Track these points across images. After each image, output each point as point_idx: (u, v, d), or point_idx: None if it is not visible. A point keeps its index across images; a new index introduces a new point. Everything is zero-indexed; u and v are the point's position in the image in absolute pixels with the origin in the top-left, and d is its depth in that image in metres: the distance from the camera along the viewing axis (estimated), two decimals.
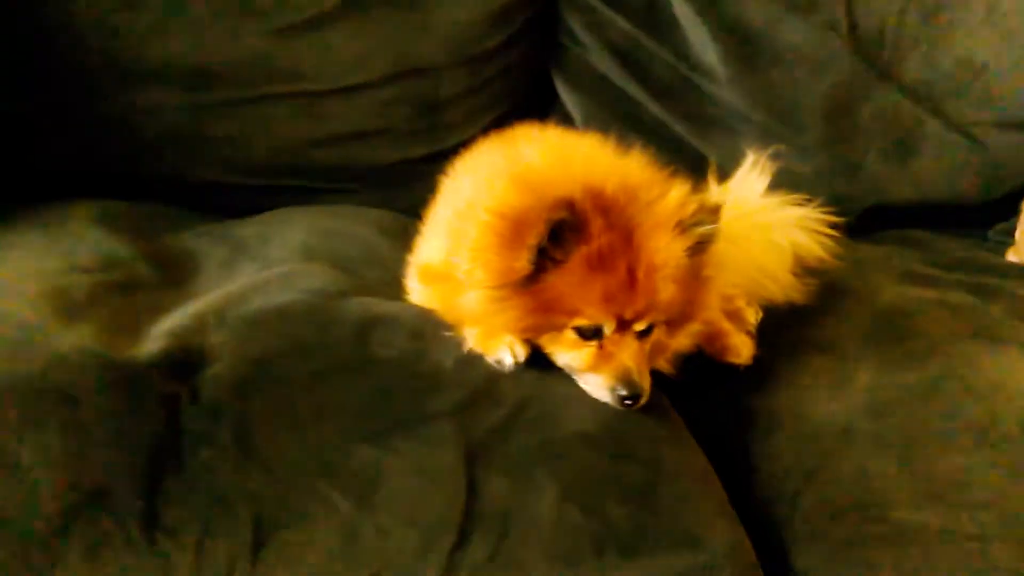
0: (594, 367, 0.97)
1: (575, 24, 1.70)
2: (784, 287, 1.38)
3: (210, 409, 0.88)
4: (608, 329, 0.97)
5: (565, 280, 0.95)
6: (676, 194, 0.98)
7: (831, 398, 1.15)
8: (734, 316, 1.29)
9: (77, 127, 1.47)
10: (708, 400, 1.18)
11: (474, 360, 0.99)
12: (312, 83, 1.54)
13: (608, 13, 1.68)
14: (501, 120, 1.68)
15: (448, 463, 0.87)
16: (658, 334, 1.02)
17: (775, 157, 1.65)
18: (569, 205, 0.92)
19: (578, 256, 0.94)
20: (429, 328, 1.03)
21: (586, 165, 1.04)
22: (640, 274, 0.95)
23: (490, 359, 0.99)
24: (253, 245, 1.30)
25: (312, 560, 0.79)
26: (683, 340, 1.09)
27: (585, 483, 0.89)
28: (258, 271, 1.19)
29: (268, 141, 1.55)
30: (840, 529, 0.96)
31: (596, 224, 0.94)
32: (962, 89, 1.80)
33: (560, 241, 0.94)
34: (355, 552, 0.80)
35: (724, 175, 1.57)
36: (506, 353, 0.99)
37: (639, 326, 0.98)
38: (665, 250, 0.97)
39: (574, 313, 0.96)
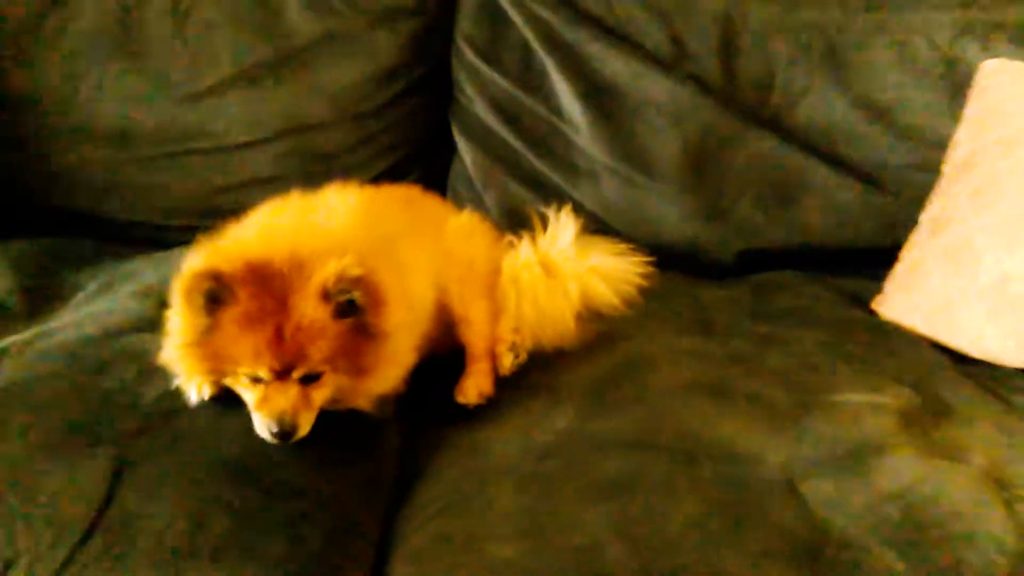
0: (257, 407, 1.17)
1: (464, 80, 1.87)
2: (562, 334, 1.51)
3: None
4: (266, 376, 1.16)
5: (225, 336, 1.15)
6: (328, 267, 1.15)
7: (520, 439, 1.28)
8: (496, 359, 1.45)
9: (28, 177, 1.82)
10: (434, 433, 1.35)
11: (174, 395, 1.22)
12: (216, 140, 1.80)
13: (488, 72, 1.84)
14: (399, 164, 1.89)
15: (97, 477, 1.10)
16: (334, 381, 1.20)
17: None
18: (216, 276, 1.13)
19: (230, 318, 1.14)
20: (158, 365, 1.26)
21: (279, 237, 1.23)
22: (287, 333, 1.14)
23: (185, 394, 1.22)
24: (118, 282, 1.57)
25: None
26: (380, 384, 1.26)
27: (202, 501, 1.09)
28: (93, 307, 1.47)
29: (183, 188, 1.83)
30: (435, 555, 1.11)
31: (245, 291, 1.14)
32: (863, 132, 1.83)
33: (219, 305, 1.15)
34: (15, 536, 1.05)
35: (594, 223, 1.72)
36: (192, 391, 1.22)
37: (296, 374, 1.16)
38: (311, 313, 1.14)
39: (235, 362, 1.16)
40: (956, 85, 1.77)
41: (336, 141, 1.83)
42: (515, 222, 1.79)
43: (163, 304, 1.43)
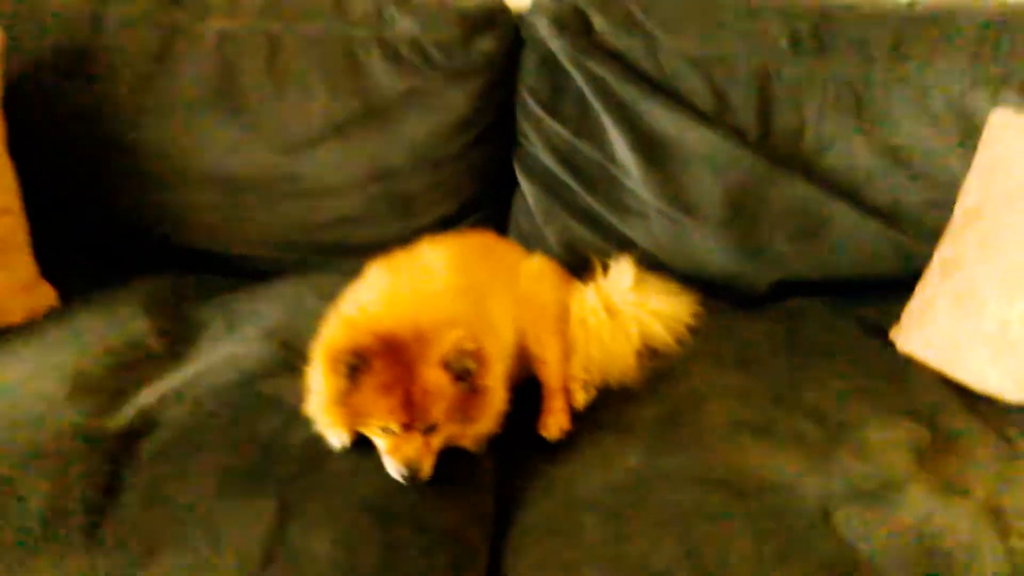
0: (389, 453, 1.41)
1: (527, 127, 2.07)
2: (624, 371, 1.73)
3: (140, 466, 1.41)
4: (396, 429, 1.40)
5: (363, 397, 1.38)
6: (447, 339, 1.38)
7: (599, 474, 1.51)
8: (569, 396, 1.68)
9: (147, 217, 2.03)
10: (522, 464, 1.58)
11: (317, 440, 1.46)
12: (311, 184, 2.01)
13: (550, 122, 2.03)
14: (469, 201, 2.10)
15: (267, 514, 1.34)
16: (448, 429, 1.43)
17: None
18: (359, 353, 1.36)
19: (368, 383, 1.37)
20: (300, 413, 1.50)
21: (400, 308, 1.45)
22: (415, 396, 1.38)
23: (327, 440, 1.46)
24: (241, 320, 1.80)
25: (181, 566, 1.28)
26: (484, 427, 1.49)
27: (354, 534, 1.33)
28: (226, 348, 1.70)
29: (283, 226, 2.04)
30: None
31: (380, 362, 1.36)
32: (884, 174, 2.03)
33: (358, 372, 1.38)
34: (206, 565, 1.29)
35: (653, 266, 1.94)
36: (335, 438, 1.45)
37: (420, 427, 1.40)
38: (434, 380, 1.38)
39: (371, 417, 1.40)
40: (967, 131, 1.97)
41: (416, 184, 2.03)
42: (573, 255, 2.02)
43: (285, 345, 1.68)
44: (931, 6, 2.06)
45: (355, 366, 1.36)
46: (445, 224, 2.09)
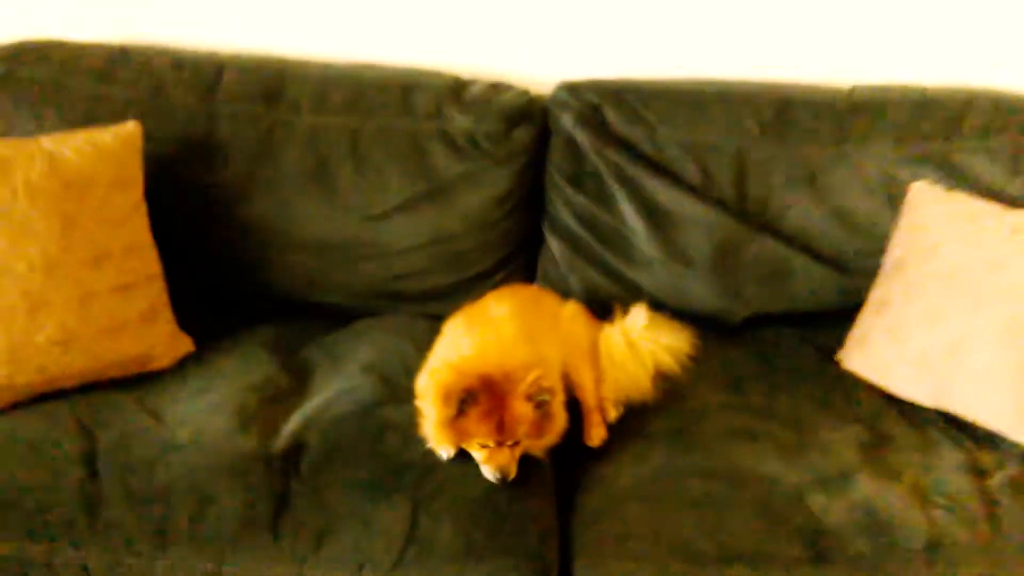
0: (485, 462, 1.86)
1: (554, 197, 2.51)
2: (642, 391, 2.19)
3: (302, 479, 1.84)
4: (492, 444, 1.85)
5: (468, 423, 1.82)
6: (530, 378, 1.83)
7: (633, 470, 1.96)
8: (604, 411, 2.15)
9: (255, 275, 2.45)
10: (573, 467, 2.04)
11: (430, 453, 1.91)
12: (385, 248, 2.42)
13: (573, 193, 2.48)
14: (505, 257, 2.54)
15: (403, 509, 1.78)
16: (526, 443, 1.89)
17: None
18: (469, 390, 1.81)
19: (473, 413, 1.81)
20: (412, 432, 1.94)
21: (489, 357, 1.89)
22: (506, 421, 1.83)
23: (437, 453, 1.91)
24: (342, 359, 2.22)
25: (344, 550, 1.73)
26: (547, 441, 1.94)
27: (467, 522, 1.78)
28: (338, 383, 2.13)
29: (361, 280, 2.45)
30: (604, 550, 1.81)
31: (483, 397, 1.81)
32: (828, 231, 2.50)
33: (466, 404, 1.83)
34: (362, 549, 1.73)
35: (654, 304, 2.40)
36: (444, 452, 1.90)
37: (508, 443, 1.85)
38: (520, 409, 1.82)
39: (473, 437, 1.84)
40: (893, 196, 2.45)
41: (468, 245, 2.46)
42: (592, 297, 2.49)
43: (384, 380, 2.11)
44: (867, 91, 2.54)
45: (465, 400, 1.81)
46: (487, 274, 2.52)
